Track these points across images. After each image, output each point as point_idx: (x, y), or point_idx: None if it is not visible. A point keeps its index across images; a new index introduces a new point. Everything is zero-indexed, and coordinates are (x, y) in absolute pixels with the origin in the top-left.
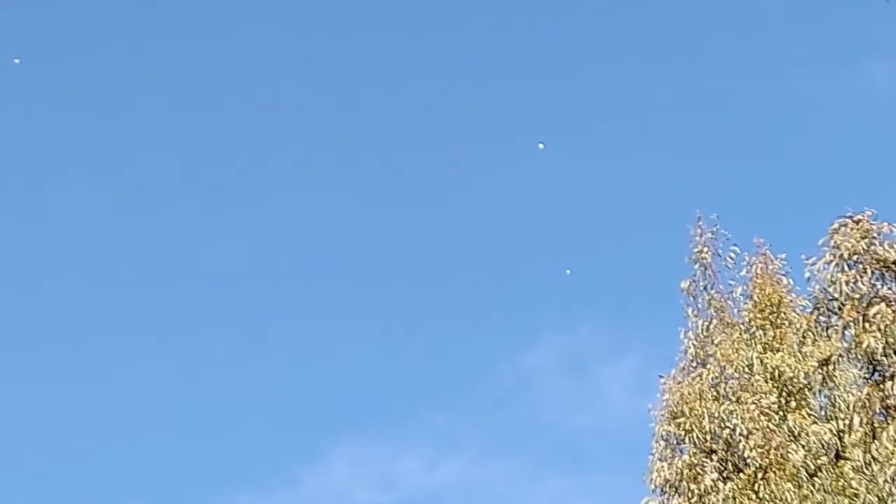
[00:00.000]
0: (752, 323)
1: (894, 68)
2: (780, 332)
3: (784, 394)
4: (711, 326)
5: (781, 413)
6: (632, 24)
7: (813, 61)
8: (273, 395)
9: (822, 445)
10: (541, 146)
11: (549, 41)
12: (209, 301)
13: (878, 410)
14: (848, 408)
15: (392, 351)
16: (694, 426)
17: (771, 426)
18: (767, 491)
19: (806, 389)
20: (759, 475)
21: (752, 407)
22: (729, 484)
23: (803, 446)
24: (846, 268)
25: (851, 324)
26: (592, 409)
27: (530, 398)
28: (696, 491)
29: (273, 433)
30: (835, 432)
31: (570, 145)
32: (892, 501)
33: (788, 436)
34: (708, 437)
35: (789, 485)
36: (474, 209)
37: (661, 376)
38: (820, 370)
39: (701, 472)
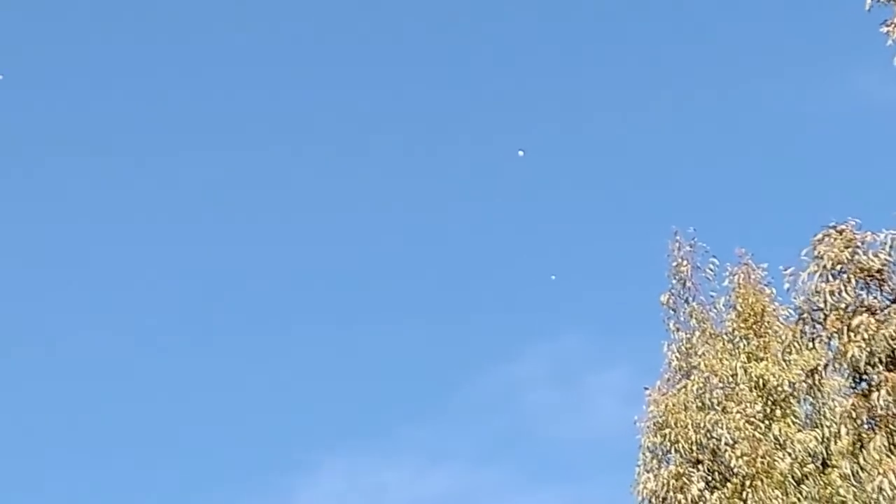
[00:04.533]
0: (736, 333)
1: (880, 77)
2: (764, 341)
3: (769, 402)
4: (694, 338)
5: (767, 422)
6: (621, 31)
7: (797, 68)
8: (266, 407)
9: (809, 453)
10: (520, 153)
11: (537, 47)
12: (207, 313)
13: (864, 420)
14: (834, 416)
15: (383, 362)
16: (679, 437)
17: (757, 435)
18: (755, 499)
19: (791, 398)
20: (747, 484)
21: (738, 416)
22: (716, 493)
23: (789, 454)
24: (830, 278)
25: (836, 334)
26: (582, 419)
27: (519, 408)
28: (684, 501)
29: (266, 445)
30: (820, 440)
31: (561, 149)
32: None
33: (774, 444)
34: (694, 448)
35: (777, 492)
36: (459, 217)
37: (645, 388)
38: (807, 380)
39: (688, 482)
